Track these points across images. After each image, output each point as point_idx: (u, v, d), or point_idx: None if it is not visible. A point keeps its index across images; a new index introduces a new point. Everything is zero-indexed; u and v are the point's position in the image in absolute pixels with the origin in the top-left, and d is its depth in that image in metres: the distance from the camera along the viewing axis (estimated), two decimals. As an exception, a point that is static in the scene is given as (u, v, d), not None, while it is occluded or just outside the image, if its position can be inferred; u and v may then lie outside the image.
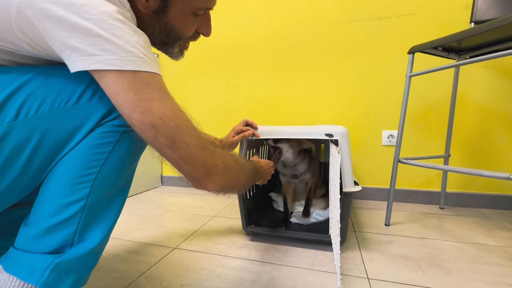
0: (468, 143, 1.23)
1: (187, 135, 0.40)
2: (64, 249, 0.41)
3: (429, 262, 0.73)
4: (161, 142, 0.39)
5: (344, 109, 1.37)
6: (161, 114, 0.37)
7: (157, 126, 0.37)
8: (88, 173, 0.41)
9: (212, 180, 0.44)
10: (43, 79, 0.39)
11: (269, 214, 1.10)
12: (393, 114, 1.29)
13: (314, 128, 0.85)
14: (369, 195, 1.36)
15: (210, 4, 0.50)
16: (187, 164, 0.41)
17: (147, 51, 0.38)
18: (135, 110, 0.37)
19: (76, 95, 0.40)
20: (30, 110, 0.37)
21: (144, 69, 0.37)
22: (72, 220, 0.40)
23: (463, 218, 1.09)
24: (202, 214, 1.15)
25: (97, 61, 0.35)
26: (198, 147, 0.41)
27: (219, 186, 0.46)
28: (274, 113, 1.48)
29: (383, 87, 1.31)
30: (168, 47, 0.52)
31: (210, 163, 0.43)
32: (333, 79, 1.38)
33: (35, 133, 0.38)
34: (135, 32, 0.38)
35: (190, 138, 0.40)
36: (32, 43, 0.38)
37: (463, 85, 1.19)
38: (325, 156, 1.35)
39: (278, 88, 1.47)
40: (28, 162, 0.38)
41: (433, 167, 0.83)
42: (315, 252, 0.80)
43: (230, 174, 0.48)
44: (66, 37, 0.34)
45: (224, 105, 1.57)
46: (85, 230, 0.42)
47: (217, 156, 0.45)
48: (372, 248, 0.82)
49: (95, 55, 0.35)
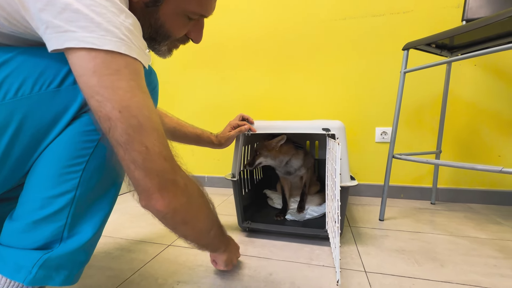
0: (459, 139, 1.26)
1: (149, 138, 0.34)
2: (53, 244, 0.38)
3: (424, 255, 0.75)
4: (115, 138, 0.34)
5: (338, 106, 1.38)
6: (122, 107, 0.32)
7: (114, 119, 0.33)
8: (76, 162, 0.38)
9: (165, 197, 0.37)
10: (24, 59, 0.36)
11: (264, 210, 1.10)
12: (386, 111, 1.31)
13: (311, 122, 0.84)
14: (363, 192, 1.38)
15: (205, 12, 0.47)
16: (138, 170, 0.35)
17: (133, 34, 0.34)
18: (93, 97, 0.33)
19: (59, 78, 0.37)
20: (8, 93, 0.34)
21: (124, 51, 0.33)
22: (60, 213, 0.38)
23: (454, 212, 1.11)
24: None
25: (71, 38, 0.31)
26: (159, 154, 0.35)
27: (170, 208, 0.38)
28: (269, 109, 1.47)
29: (376, 84, 1.33)
30: (155, 44, 0.48)
31: (170, 177, 0.37)
32: (328, 76, 1.39)
33: (14, 118, 0.35)
34: (121, 11, 0.34)
35: (152, 142, 0.35)
36: (10, 18, 0.35)
37: (454, 83, 1.22)
38: (320, 153, 1.35)
39: (273, 84, 1.47)
40: (7, 150, 0.35)
41: (428, 162, 0.84)
42: (312, 247, 0.80)
43: (189, 203, 0.41)
44: (41, 11, 0.31)
45: (219, 101, 1.55)
46: (75, 225, 0.39)
47: (181, 175, 0.39)
48: (368, 243, 0.83)
49: (70, 32, 0.31)
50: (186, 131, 0.80)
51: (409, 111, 1.29)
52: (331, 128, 0.80)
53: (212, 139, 0.86)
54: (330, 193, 0.75)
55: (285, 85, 1.45)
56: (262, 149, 0.96)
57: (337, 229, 0.57)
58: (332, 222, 0.70)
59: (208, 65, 1.56)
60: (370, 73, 1.33)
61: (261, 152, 0.96)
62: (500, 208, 1.16)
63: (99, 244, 0.81)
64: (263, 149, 0.96)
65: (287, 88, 1.45)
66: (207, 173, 1.62)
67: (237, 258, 0.67)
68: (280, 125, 0.86)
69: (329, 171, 0.78)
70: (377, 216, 1.06)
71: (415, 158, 0.89)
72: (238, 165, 0.90)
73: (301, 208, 1.00)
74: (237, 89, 1.52)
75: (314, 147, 1.36)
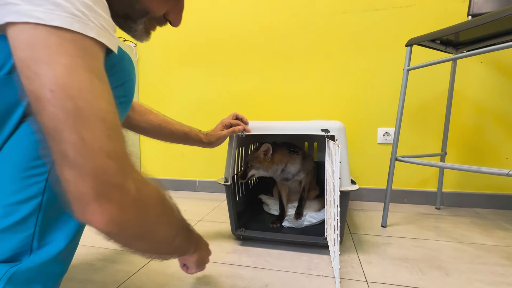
0: (465, 141, 1.28)
1: (88, 128, 0.28)
2: (21, 256, 0.37)
3: (428, 263, 0.76)
4: (43, 123, 0.28)
5: (338, 105, 1.39)
6: (56, 85, 0.27)
7: (43, 99, 0.27)
8: (40, 164, 0.35)
9: (106, 209, 0.29)
10: None
11: (260, 217, 1.10)
12: (388, 110, 1.32)
13: (309, 123, 0.85)
14: (364, 196, 1.39)
15: None
16: (69, 167, 0.28)
17: (92, 11, 0.30)
18: (23, 74, 0.28)
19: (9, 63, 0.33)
20: None
21: (77, 29, 0.29)
22: (27, 222, 0.36)
23: (459, 218, 1.13)
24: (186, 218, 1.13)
25: (13, 11, 0.27)
26: (100, 149, 0.28)
27: (114, 225, 0.31)
28: (264, 109, 1.48)
29: (378, 82, 1.34)
30: (131, 22, 0.45)
31: (114, 181, 0.29)
32: (327, 73, 1.40)
33: None
34: None
35: (92, 134, 0.28)
36: None
37: (460, 82, 1.23)
38: (318, 156, 1.36)
39: (268, 81, 1.47)
40: None
41: (432, 165, 0.86)
42: (310, 255, 0.80)
43: (144, 215, 0.34)
44: None
45: (211, 99, 1.55)
46: (45, 233, 0.38)
47: (134, 177, 0.32)
48: (370, 251, 0.83)
49: (11, 4, 0.27)
50: (173, 128, 0.79)
51: (413, 110, 1.31)
52: (330, 129, 0.80)
53: (201, 137, 0.85)
54: (330, 198, 0.75)
55: (281, 83, 1.45)
56: (253, 161, 0.97)
57: (336, 237, 0.57)
58: (331, 229, 0.71)
59: (201, 62, 1.55)
60: (372, 70, 1.34)
61: (253, 164, 0.96)
62: (507, 213, 1.18)
63: (80, 255, 0.80)
64: (254, 161, 0.97)
65: (283, 86, 1.45)
66: (198, 177, 1.61)
67: (208, 256, 0.63)
68: (276, 126, 0.86)
69: (329, 175, 0.78)
70: (379, 222, 1.07)
71: (419, 161, 0.90)
72: (231, 169, 0.90)
73: (299, 214, 1.01)
74: (230, 87, 1.52)
75: (313, 149, 1.37)
